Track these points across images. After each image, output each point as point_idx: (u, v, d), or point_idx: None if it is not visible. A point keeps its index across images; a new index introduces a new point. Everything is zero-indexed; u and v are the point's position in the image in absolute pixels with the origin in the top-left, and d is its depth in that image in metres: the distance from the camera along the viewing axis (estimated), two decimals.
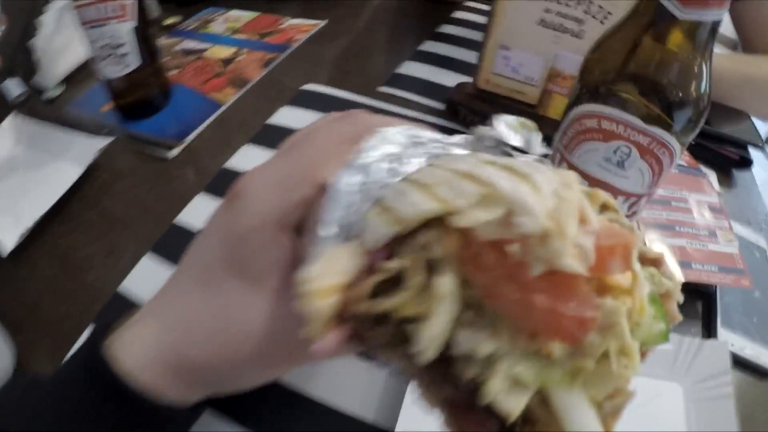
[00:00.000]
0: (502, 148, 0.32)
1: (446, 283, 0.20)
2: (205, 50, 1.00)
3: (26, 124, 0.78)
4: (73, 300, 0.55)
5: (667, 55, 0.38)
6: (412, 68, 0.91)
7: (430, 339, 0.20)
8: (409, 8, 1.15)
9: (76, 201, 0.66)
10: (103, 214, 0.65)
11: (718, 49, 0.93)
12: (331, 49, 0.99)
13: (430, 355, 0.20)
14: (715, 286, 0.59)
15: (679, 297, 0.25)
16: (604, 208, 0.24)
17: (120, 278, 0.56)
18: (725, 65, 0.82)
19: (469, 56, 0.92)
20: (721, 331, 0.57)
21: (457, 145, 0.32)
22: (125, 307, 0.32)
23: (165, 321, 0.31)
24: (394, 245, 0.22)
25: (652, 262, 0.25)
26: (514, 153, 0.32)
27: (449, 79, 0.83)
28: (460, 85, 0.78)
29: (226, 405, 0.41)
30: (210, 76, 0.91)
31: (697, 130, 0.41)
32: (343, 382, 0.46)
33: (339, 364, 0.48)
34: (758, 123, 0.87)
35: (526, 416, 0.20)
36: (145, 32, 0.76)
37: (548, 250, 0.18)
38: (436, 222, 0.21)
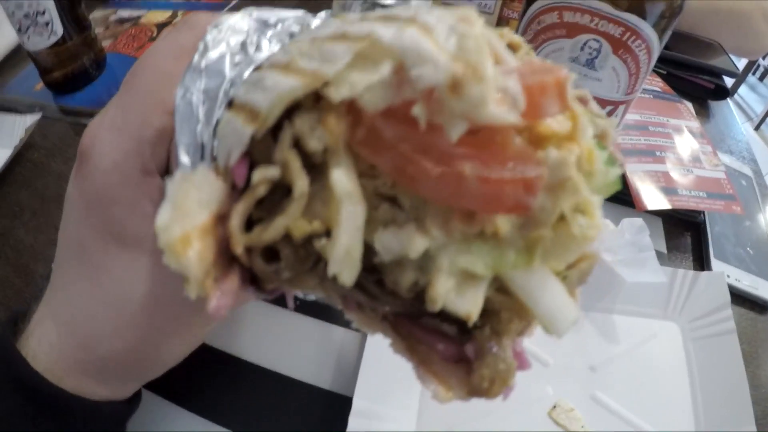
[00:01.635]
0: (376, 4, 0.26)
1: (341, 179, 0.16)
2: (140, 17, 0.94)
3: None
4: (8, 286, 0.51)
5: None
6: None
7: (342, 255, 0.16)
8: None
9: (9, 184, 0.62)
10: (34, 194, 0.60)
11: None
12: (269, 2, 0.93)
13: (350, 274, 0.16)
14: (704, 216, 0.54)
15: (615, 136, 0.22)
16: (512, 48, 0.21)
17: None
18: None
19: None
20: (715, 262, 0.52)
21: (319, 19, 0.26)
22: None
23: (64, 321, 0.27)
24: (262, 151, 0.18)
25: (579, 100, 0.21)
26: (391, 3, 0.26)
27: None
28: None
29: (172, 389, 0.39)
30: (144, 42, 0.86)
31: (669, 31, 0.35)
32: (298, 350, 0.42)
33: (291, 333, 0.43)
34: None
35: (486, 310, 0.18)
36: (71, 1, 0.70)
37: (466, 100, 0.14)
38: (308, 105, 0.17)
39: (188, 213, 0.16)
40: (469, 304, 0.17)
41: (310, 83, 0.16)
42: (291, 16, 0.26)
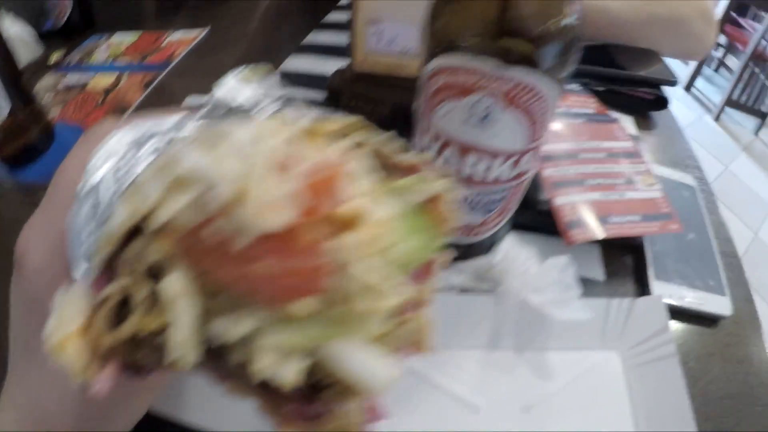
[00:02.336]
0: (232, 111, 0.29)
1: (172, 283, 0.19)
2: (87, 82, 0.93)
3: None
4: None
5: None
6: (296, 63, 0.87)
7: (180, 343, 0.19)
8: (296, 5, 1.09)
9: None
10: None
11: None
12: (215, 58, 0.93)
13: (189, 359, 0.19)
14: (642, 237, 0.54)
15: (452, 195, 0.24)
16: (346, 133, 0.23)
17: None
18: (627, 6, 0.79)
19: None
20: (656, 283, 0.52)
21: (192, 125, 0.29)
22: None
23: (20, 406, 0.30)
24: (118, 267, 0.21)
25: (409, 170, 0.24)
26: (244, 112, 0.29)
27: (334, 66, 0.78)
28: (338, 71, 0.72)
29: None
30: (91, 109, 0.85)
31: (569, 68, 0.35)
32: (238, 408, 0.41)
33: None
34: (675, 64, 0.84)
35: (323, 380, 0.20)
36: (13, 76, 0.70)
37: (238, 217, 0.18)
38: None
39: (66, 322, 0.20)
40: (288, 376, 0.19)
41: (133, 217, 0.19)
42: (164, 128, 0.28)
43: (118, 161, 0.26)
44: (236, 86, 0.30)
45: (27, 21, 1.05)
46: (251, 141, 0.19)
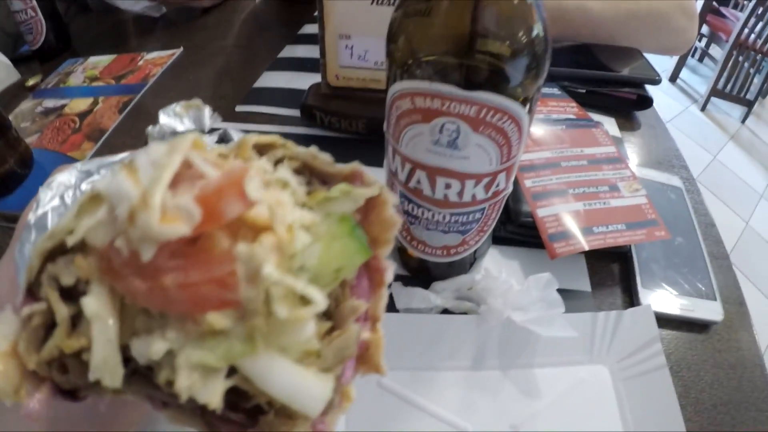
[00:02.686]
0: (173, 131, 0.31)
1: (90, 303, 0.19)
2: (64, 106, 0.92)
3: None
4: None
5: (483, 2, 0.31)
6: (271, 79, 0.86)
7: (100, 364, 0.19)
8: (273, 18, 1.09)
9: None
10: None
11: None
12: (190, 77, 0.92)
13: (112, 378, 0.19)
14: (629, 245, 0.53)
15: (390, 200, 0.23)
16: (267, 150, 0.23)
17: None
18: (606, 5, 0.78)
19: None
20: (644, 292, 0.51)
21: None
22: None
23: None
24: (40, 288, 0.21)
25: (346, 178, 0.23)
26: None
27: (309, 81, 0.76)
28: (313, 87, 0.70)
29: None
30: (68, 134, 0.84)
31: (542, 78, 0.34)
32: None
33: None
34: (659, 58, 0.83)
35: (260, 402, 0.20)
36: None
37: (138, 227, 0.17)
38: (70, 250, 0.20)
39: None
40: (209, 393, 0.18)
41: (52, 237, 0.20)
42: (116, 160, 0.30)
43: (67, 190, 0.28)
44: (174, 118, 0.31)
45: (1, 45, 1.03)
46: (165, 153, 0.19)
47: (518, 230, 0.53)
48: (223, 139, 0.31)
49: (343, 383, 0.22)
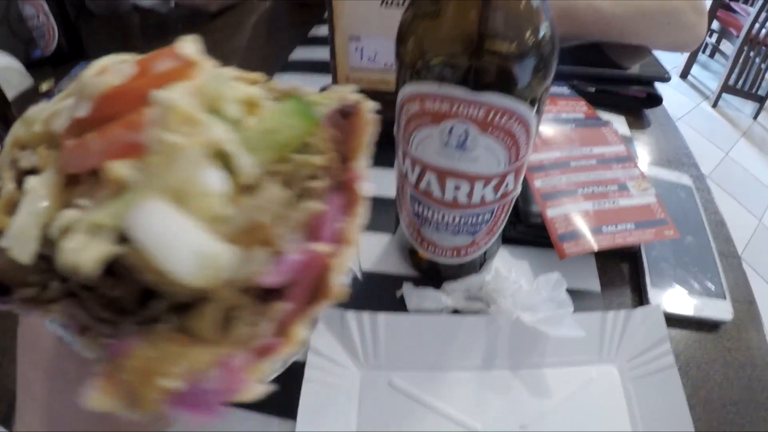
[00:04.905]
0: None
1: (32, 180, 0.19)
2: None
3: None
4: None
5: (491, 3, 0.31)
6: (283, 81, 0.85)
7: (17, 232, 0.18)
8: (283, 20, 1.09)
9: None
10: None
11: None
12: None
13: (23, 249, 0.18)
14: (638, 245, 0.53)
15: (369, 107, 0.23)
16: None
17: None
18: (615, 3, 0.78)
19: None
20: (654, 291, 0.51)
21: None
22: None
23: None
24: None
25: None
26: None
27: (320, 83, 0.76)
28: (322, 90, 0.70)
29: None
30: None
31: (549, 78, 0.35)
32: None
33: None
34: (669, 54, 0.83)
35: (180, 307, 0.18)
36: (2, 109, 0.72)
37: (79, 83, 0.19)
38: (36, 142, 0.21)
39: None
40: (86, 254, 0.17)
41: (26, 126, 0.21)
42: None
43: None
44: None
45: (14, 50, 1.04)
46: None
47: (528, 230, 0.53)
48: None
49: (261, 284, 0.18)
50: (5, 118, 0.72)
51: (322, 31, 0.99)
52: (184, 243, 0.16)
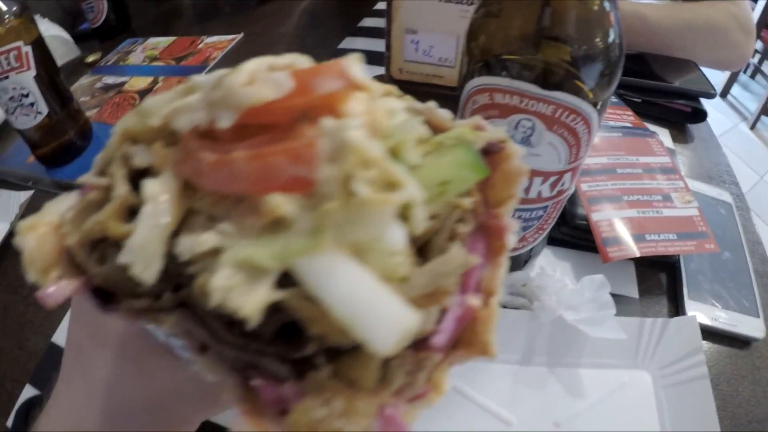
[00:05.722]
0: None
1: (151, 184, 0.17)
2: (124, 84, 0.95)
3: None
4: (12, 360, 0.54)
5: (564, 4, 0.32)
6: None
7: (137, 247, 0.16)
8: (331, 9, 1.10)
9: (7, 259, 0.65)
10: None
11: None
12: None
13: (145, 268, 0.16)
14: (678, 255, 0.54)
15: (516, 152, 0.20)
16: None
17: (53, 329, 0.56)
18: (663, 14, 0.78)
19: None
20: (690, 303, 0.51)
21: None
22: (60, 357, 0.32)
23: (65, 410, 0.31)
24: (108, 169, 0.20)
25: (473, 128, 0.20)
26: None
27: (369, 74, 0.76)
28: (374, 79, 0.71)
29: None
30: (128, 110, 0.86)
31: (614, 85, 0.35)
32: None
33: None
34: (710, 73, 0.83)
35: (332, 350, 0.16)
36: (51, 78, 0.73)
37: (221, 88, 0.16)
38: (150, 138, 0.19)
39: (45, 214, 0.19)
40: (248, 301, 0.15)
41: (140, 118, 0.19)
42: None
43: None
44: None
45: (62, 23, 1.07)
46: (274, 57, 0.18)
47: (572, 232, 0.54)
48: None
49: (431, 345, 0.17)
50: (54, 83, 0.73)
51: (371, 22, 1.00)
52: (381, 312, 0.15)
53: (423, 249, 0.18)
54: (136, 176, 0.18)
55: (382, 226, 0.15)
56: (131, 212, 0.18)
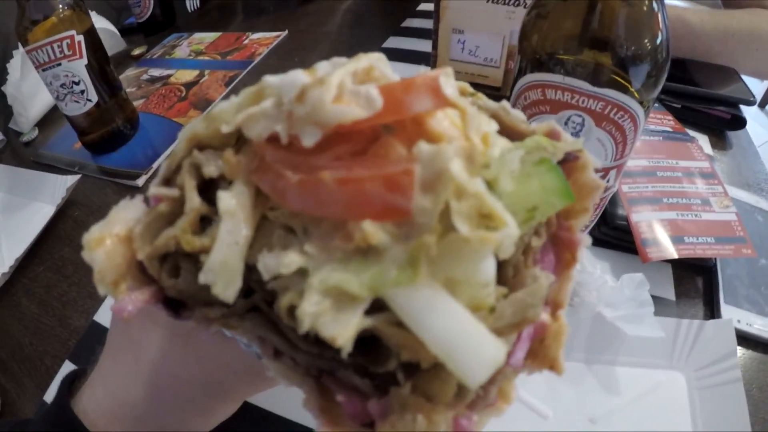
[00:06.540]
0: None
1: (226, 197, 0.16)
2: (170, 76, 0.98)
3: (5, 170, 0.80)
4: (53, 337, 0.56)
5: (614, 5, 0.33)
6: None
7: (217, 266, 0.16)
8: (374, 9, 1.12)
9: (52, 240, 0.67)
10: (76, 250, 0.65)
11: (697, 5, 0.88)
12: (295, 59, 0.96)
13: (226, 287, 0.16)
14: (715, 259, 0.54)
15: (591, 163, 0.20)
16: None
17: (95, 308, 0.58)
18: (706, 20, 0.78)
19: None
20: (726, 307, 0.52)
21: None
22: (101, 336, 0.34)
23: (108, 385, 0.31)
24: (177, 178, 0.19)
25: (547, 135, 0.20)
26: None
27: (414, 72, 0.77)
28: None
29: None
30: (174, 102, 0.90)
31: (660, 86, 0.36)
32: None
33: None
34: (750, 81, 0.82)
35: (411, 365, 0.16)
36: (102, 67, 0.76)
37: (307, 103, 0.15)
38: (218, 143, 0.18)
39: (111, 225, 0.18)
40: (339, 328, 0.14)
41: (209, 124, 0.18)
42: None
43: None
44: None
45: (107, 16, 1.10)
46: (348, 60, 0.17)
47: (612, 232, 0.54)
48: None
49: (509, 367, 0.18)
50: (104, 72, 0.76)
51: (415, 23, 1.01)
52: (474, 346, 0.14)
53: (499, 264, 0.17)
54: (206, 183, 0.18)
55: (480, 263, 0.15)
56: (202, 219, 0.18)
